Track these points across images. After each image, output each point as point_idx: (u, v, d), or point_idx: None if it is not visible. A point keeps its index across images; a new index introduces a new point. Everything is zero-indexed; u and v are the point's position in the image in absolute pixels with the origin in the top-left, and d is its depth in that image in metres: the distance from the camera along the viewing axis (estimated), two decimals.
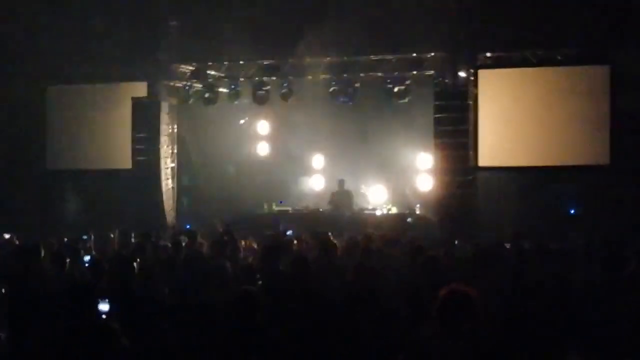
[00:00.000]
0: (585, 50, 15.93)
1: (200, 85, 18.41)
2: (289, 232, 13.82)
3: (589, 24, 15.05)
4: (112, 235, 13.40)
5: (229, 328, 5.87)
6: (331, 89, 17.44)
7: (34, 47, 17.95)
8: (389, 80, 17.05)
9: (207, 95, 18.16)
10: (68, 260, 8.74)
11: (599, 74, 15.85)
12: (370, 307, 6.83)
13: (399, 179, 18.94)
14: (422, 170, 18.41)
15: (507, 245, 11.13)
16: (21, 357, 7.02)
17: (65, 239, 12.18)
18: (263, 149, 20.35)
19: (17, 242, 11.40)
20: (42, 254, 8.90)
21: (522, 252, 10.16)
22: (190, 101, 18.42)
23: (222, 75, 18.35)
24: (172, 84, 18.39)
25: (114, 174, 18.38)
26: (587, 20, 15.01)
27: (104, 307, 6.54)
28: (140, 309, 7.19)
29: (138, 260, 8.47)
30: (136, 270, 7.93)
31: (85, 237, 13.03)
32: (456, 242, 11.77)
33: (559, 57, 16.17)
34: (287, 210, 18.09)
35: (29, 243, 9.54)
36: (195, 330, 6.78)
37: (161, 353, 6.86)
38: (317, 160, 20.05)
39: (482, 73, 16.53)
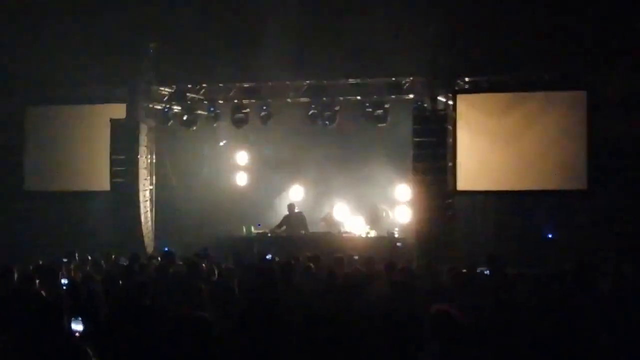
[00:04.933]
0: (562, 76, 16.08)
1: (179, 108, 18.37)
2: (268, 256, 13.74)
3: (565, 50, 15.21)
4: (89, 258, 13.28)
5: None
6: (310, 112, 17.43)
7: (13, 67, 17.85)
8: (367, 104, 17.09)
9: (185, 117, 18.13)
10: (37, 281, 8.68)
11: (575, 98, 15.98)
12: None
13: (379, 203, 18.94)
14: (401, 201, 18.49)
15: (484, 269, 11.17)
16: None
17: (40, 262, 12.03)
18: (242, 178, 20.51)
19: None
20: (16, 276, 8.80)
21: (499, 275, 10.19)
22: (169, 123, 18.35)
23: (201, 97, 18.33)
24: (150, 106, 18.30)
25: (92, 196, 18.24)
26: (563, 45, 15.18)
27: (77, 326, 6.45)
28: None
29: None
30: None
31: (65, 259, 12.89)
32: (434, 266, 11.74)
33: (536, 83, 16.28)
34: (265, 234, 18.05)
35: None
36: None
37: None
38: (297, 182, 20.07)
39: (460, 98, 16.59)
